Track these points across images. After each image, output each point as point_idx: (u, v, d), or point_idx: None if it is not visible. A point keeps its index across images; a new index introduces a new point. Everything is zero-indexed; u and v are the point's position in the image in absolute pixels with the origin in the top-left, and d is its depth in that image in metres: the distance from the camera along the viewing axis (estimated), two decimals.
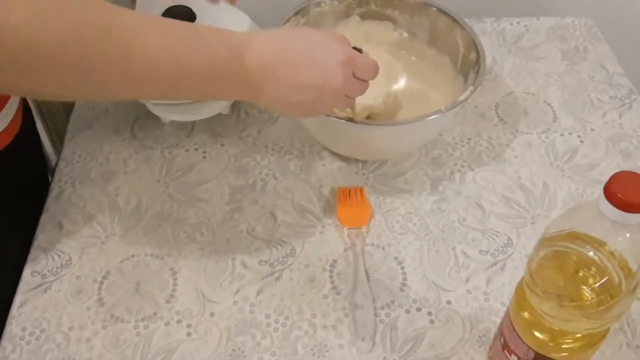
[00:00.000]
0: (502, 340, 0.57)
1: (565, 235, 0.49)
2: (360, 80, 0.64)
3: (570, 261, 0.49)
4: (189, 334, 0.65)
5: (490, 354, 0.62)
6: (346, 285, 0.69)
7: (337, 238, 0.73)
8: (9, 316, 0.66)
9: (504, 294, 0.68)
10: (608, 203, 0.44)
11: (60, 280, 0.69)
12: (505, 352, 0.57)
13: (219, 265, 0.70)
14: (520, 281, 0.54)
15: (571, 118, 0.86)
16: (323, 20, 0.84)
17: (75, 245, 0.72)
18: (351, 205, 0.75)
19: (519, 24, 1.00)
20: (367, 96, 0.67)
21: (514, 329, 0.54)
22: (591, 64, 0.94)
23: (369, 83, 0.65)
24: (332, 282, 0.69)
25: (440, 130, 0.82)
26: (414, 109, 0.77)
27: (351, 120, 0.71)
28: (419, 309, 0.67)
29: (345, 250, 0.72)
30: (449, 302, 0.67)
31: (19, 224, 0.73)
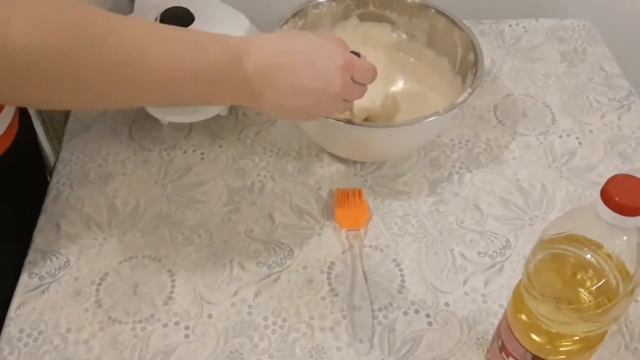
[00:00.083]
0: (500, 343, 0.57)
1: (562, 237, 0.49)
2: (359, 84, 0.64)
3: (568, 264, 0.49)
4: (187, 336, 0.65)
5: (488, 356, 0.62)
6: (344, 287, 0.69)
7: (335, 240, 0.73)
8: (6, 318, 0.66)
9: (502, 296, 0.68)
10: (605, 206, 0.44)
11: (58, 282, 0.69)
12: (503, 355, 0.57)
13: (216, 267, 0.70)
14: (518, 283, 0.54)
15: (570, 120, 0.86)
16: (321, 22, 0.84)
17: (73, 247, 0.72)
18: (349, 207, 0.75)
19: (517, 25, 1.00)
20: (366, 98, 0.67)
21: (512, 332, 0.54)
22: (590, 65, 0.94)
23: (367, 87, 0.65)
24: (330, 284, 0.69)
25: (439, 131, 0.82)
26: (413, 111, 0.77)
27: (349, 122, 0.71)
28: (416, 311, 0.67)
29: (343, 252, 0.72)
30: (446, 304, 0.67)
31: (17, 225, 0.73)
